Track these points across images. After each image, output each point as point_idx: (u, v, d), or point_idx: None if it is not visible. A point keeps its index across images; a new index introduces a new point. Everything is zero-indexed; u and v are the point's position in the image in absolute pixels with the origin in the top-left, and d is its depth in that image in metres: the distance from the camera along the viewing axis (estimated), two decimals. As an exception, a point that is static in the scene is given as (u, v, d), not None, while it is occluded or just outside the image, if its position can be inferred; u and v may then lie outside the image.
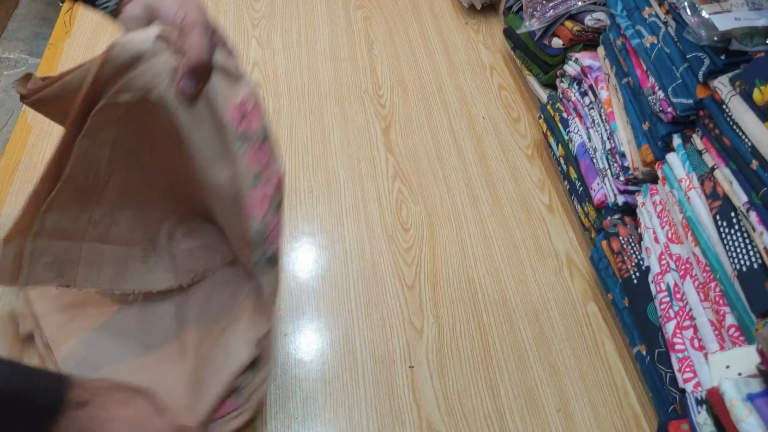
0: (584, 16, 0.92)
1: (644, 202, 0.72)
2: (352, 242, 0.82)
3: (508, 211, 0.88)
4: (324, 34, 1.15)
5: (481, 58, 1.14)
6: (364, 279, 0.78)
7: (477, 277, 0.80)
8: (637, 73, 0.74)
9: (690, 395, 0.52)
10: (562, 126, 0.89)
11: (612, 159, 0.78)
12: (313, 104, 1.01)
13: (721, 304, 0.57)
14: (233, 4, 1.18)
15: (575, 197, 0.86)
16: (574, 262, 0.83)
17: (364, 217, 0.85)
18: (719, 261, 0.58)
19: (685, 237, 0.63)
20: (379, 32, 1.16)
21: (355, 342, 0.72)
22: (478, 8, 1.21)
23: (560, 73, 0.93)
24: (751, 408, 0.43)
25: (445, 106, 1.04)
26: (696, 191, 0.63)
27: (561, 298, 0.79)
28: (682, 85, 0.66)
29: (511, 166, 0.95)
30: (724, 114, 0.59)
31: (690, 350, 0.60)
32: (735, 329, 0.55)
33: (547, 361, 0.72)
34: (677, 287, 0.63)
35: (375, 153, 0.95)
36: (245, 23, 1.15)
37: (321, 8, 1.20)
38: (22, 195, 0.81)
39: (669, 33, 0.69)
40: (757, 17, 0.62)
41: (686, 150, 0.66)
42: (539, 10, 0.96)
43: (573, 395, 0.69)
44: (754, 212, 0.54)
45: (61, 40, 1.05)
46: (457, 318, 0.75)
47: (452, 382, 0.69)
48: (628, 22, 0.76)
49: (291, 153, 0.93)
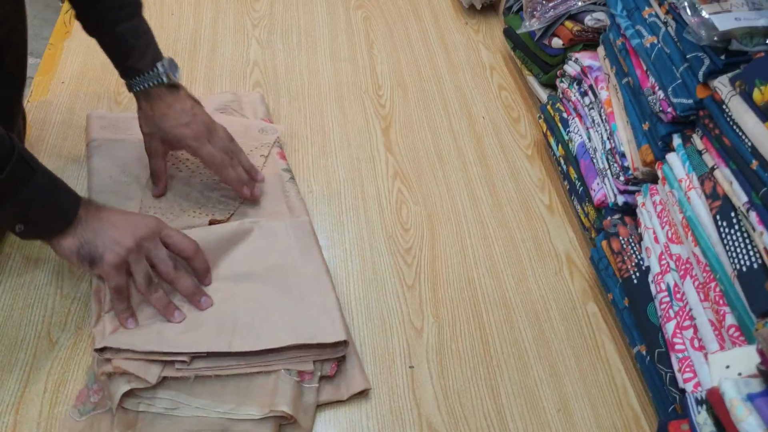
0: (584, 16, 0.92)
1: (644, 202, 0.72)
2: (352, 242, 0.82)
3: (508, 211, 0.88)
4: (324, 34, 1.15)
5: (481, 58, 1.14)
6: (364, 279, 0.78)
7: (477, 277, 0.80)
8: (637, 73, 0.74)
9: (690, 395, 0.52)
10: (562, 126, 0.90)
11: (612, 159, 0.78)
12: (313, 104, 1.01)
13: (721, 304, 0.57)
14: (233, 4, 1.18)
15: (575, 197, 0.86)
16: (574, 262, 0.83)
17: (364, 217, 0.85)
18: (719, 261, 0.58)
19: (685, 237, 0.63)
20: (379, 32, 1.16)
21: (355, 342, 0.72)
22: (478, 8, 1.21)
23: (560, 73, 0.93)
24: (751, 408, 0.43)
25: (445, 106, 1.04)
26: (696, 191, 0.63)
27: (561, 298, 0.79)
28: (682, 85, 0.66)
29: (511, 166, 0.95)
30: (724, 114, 0.59)
31: (690, 350, 0.60)
32: (735, 329, 0.55)
33: (547, 361, 0.72)
34: (677, 287, 0.63)
35: (375, 153, 0.95)
36: (245, 23, 1.15)
37: (321, 8, 1.20)
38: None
39: (669, 33, 0.69)
40: (757, 17, 0.62)
41: (686, 150, 0.66)
42: (539, 10, 0.96)
43: (573, 395, 0.69)
44: (754, 212, 0.54)
45: (61, 40, 1.05)
46: (457, 318, 0.75)
47: (452, 382, 0.69)
48: (628, 22, 0.76)
49: (291, 153, 0.93)
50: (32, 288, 0.72)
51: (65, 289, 0.73)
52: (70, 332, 0.69)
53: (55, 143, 0.89)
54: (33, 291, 0.72)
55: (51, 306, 0.71)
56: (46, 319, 0.70)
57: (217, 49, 1.10)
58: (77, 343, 0.68)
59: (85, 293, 0.72)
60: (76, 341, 0.68)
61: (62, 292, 0.72)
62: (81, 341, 0.68)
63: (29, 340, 0.68)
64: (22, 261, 0.75)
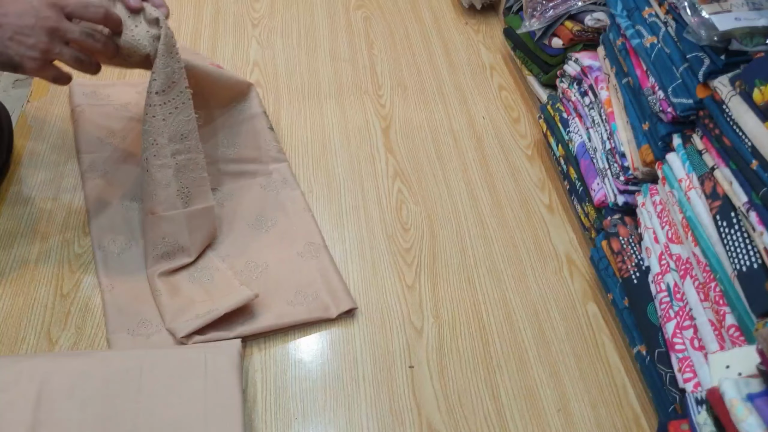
0: (584, 16, 0.92)
1: (644, 202, 0.72)
2: (352, 242, 0.82)
3: (508, 211, 0.88)
4: (324, 34, 1.15)
5: (481, 58, 1.14)
6: (364, 279, 0.78)
7: (477, 277, 0.80)
8: (637, 73, 0.74)
9: (690, 395, 0.52)
10: (562, 126, 0.90)
11: (612, 159, 0.78)
12: (313, 104, 1.01)
13: (721, 304, 0.57)
14: (233, 4, 1.18)
15: (575, 197, 0.86)
16: (574, 262, 0.83)
17: (363, 218, 0.85)
18: (719, 261, 0.58)
19: (685, 237, 0.63)
20: (379, 32, 1.16)
21: (356, 342, 0.72)
22: (478, 8, 1.21)
23: (560, 73, 0.93)
24: (751, 408, 0.43)
25: (445, 106, 1.04)
26: (696, 191, 0.63)
27: (561, 298, 0.79)
28: (682, 85, 0.66)
29: (511, 166, 0.95)
30: (724, 114, 0.59)
31: (690, 350, 0.60)
32: (735, 329, 0.55)
33: (547, 361, 0.72)
34: (677, 287, 0.63)
35: (375, 153, 0.95)
36: (245, 23, 1.15)
37: (321, 8, 1.20)
38: (22, 194, 0.81)
39: (669, 33, 0.69)
40: (757, 17, 0.62)
41: (686, 150, 0.66)
42: (539, 10, 0.96)
43: (573, 395, 0.69)
44: (754, 212, 0.54)
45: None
46: (457, 318, 0.75)
47: (452, 382, 0.69)
48: (628, 22, 0.76)
49: (291, 153, 0.93)
50: (32, 288, 0.72)
51: (65, 289, 0.73)
52: (70, 332, 0.69)
53: (56, 143, 0.89)
54: (33, 291, 0.72)
55: (51, 306, 0.71)
56: (46, 319, 0.70)
57: (217, 49, 1.10)
58: (77, 342, 0.68)
59: (85, 293, 0.72)
60: (76, 341, 0.68)
61: (62, 292, 0.72)
62: (81, 341, 0.68)
63: (29, 340, 0.68)
64: (22, 261, 0.75)
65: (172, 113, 0.71)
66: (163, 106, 0.70)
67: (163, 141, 0.71)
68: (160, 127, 0.71)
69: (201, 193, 0.76)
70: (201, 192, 0.76)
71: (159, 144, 0.71)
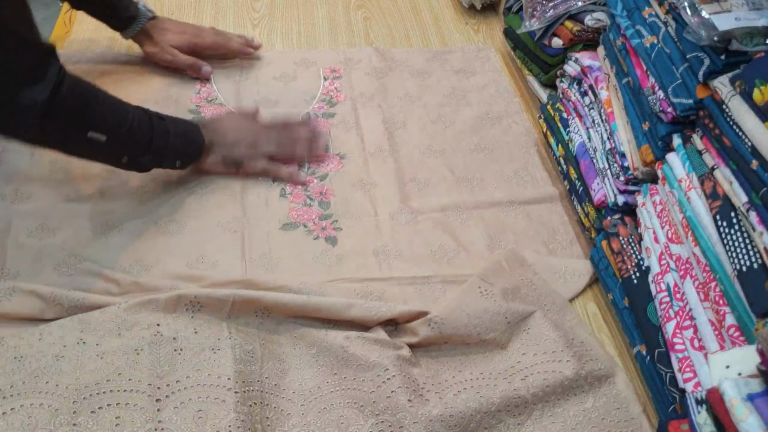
0: (584, 16, 0.92)
1: (644, 202, 0.72)
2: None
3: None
4: (324, 35, 1.15)
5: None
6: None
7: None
8: (637, 73, 0.74)
9: (690, 395, 0.52)
10: (562, 126, 0.90)
11: (612, 159, 0.78)
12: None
13: (721, 304, 0.57)
14: (233, 4, 1.18)
15: (575, 197, 0.86)
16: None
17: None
18: (719, 261, 0.58)
19: (685, 237, 0.63)
20: (379, 32, 1.16)
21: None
22: (478, 8, 1.21)
23: (560, 73, 0.93)
24: (751, 408, 0.43)
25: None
26: (696, 191, 0.63)
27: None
28: (682, 85, 0.66)
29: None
30: (724, 114, 0.59)
31: (690, 350, 0.60)
32: (735, 329, 0.55)
33: (547, 361, 0.72)
34: (677, 287, 0.63)
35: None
36: (245, 23, 1.15)
37: (321, 8, 1.20)
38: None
39: (669, 33, 0.69)
40: (757, 17, 0.62)
41: (686, 150, 0.66)
42: (539, 10, 0.96)
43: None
44: (754, 212, 0.54)
45: (61, 40, 1.05)
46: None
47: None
48: (628, 22, 0.76)
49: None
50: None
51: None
52: (70, 332, 0.69)
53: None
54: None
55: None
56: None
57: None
58: (77, 343, 0.68)
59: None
60: (76, 341, 0.68)
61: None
62: (81, 341, 0.68)
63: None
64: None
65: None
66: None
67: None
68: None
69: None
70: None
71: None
